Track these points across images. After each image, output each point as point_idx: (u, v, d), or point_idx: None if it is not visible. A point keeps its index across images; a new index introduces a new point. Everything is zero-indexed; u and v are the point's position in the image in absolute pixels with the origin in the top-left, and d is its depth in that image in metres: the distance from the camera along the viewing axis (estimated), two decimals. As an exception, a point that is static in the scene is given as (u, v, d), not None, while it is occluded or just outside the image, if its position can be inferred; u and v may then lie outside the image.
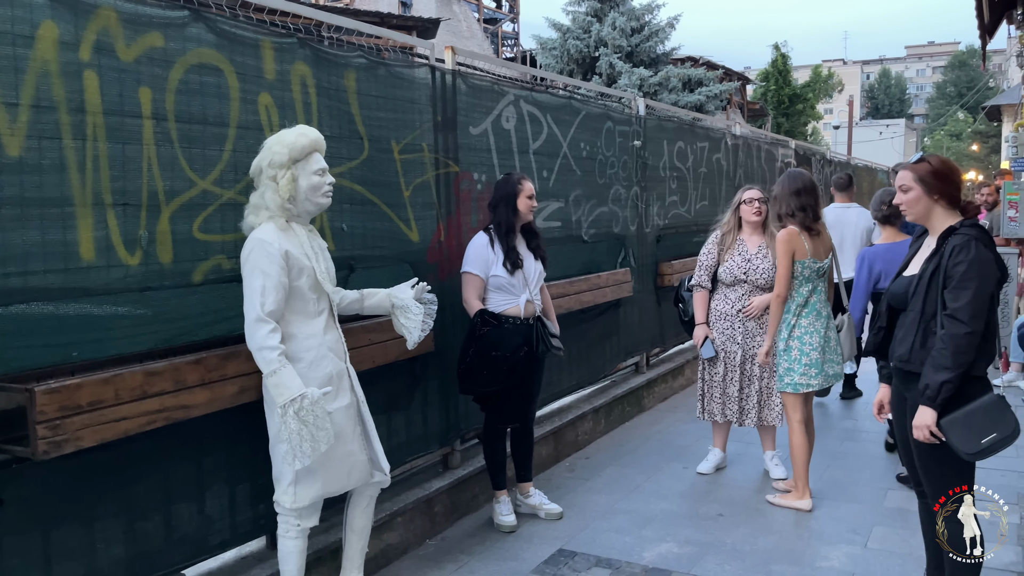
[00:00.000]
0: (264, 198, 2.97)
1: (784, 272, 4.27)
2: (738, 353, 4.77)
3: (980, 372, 2.78)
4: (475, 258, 4.06)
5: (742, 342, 4.75)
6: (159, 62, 2.82)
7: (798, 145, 12.04)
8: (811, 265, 4.31)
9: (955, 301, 2.72)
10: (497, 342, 3.92)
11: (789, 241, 4.26)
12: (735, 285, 4.76)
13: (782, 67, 37.83)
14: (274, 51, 3.25)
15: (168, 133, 2.85)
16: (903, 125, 62.43)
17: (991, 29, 7.29)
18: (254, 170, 3.01)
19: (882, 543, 3.95)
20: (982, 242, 2.77)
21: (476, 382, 3.97)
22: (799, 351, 4.33)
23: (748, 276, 4.70)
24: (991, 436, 2.71)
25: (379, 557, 3.76)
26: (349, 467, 3.11)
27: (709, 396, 4.90)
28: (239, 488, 3.21)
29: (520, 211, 4.08)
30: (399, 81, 3.94)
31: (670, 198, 7.13)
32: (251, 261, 2.91)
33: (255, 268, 2.89)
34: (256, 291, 2.88)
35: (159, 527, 2.91)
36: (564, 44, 24.46)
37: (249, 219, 3.00)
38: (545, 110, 5.17)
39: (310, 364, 2.99)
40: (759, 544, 3.97)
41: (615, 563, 3.80)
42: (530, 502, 4.37)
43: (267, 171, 2.96)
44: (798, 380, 4.33)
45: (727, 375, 4.81)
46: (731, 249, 4.79)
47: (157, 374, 2.78)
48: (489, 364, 3.91)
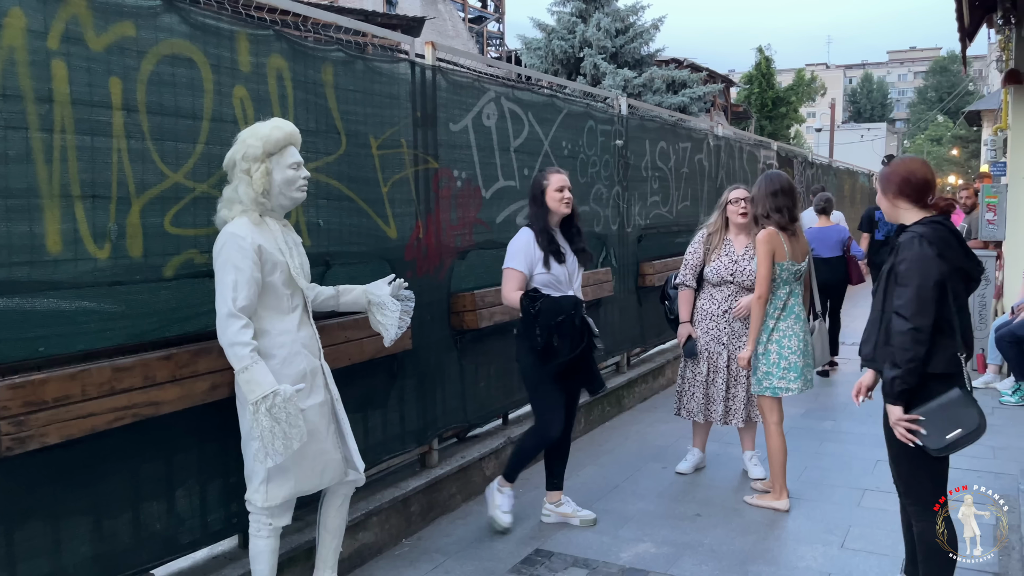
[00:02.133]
0: (238, 192, 2.92)
1: (765, 273, 4.27)
2: (723, 353, 4.75)
3: (940, 369, 2.79)
4: (517, 253, 3.98)
5: (728, 342, 4.74)
6: (130, 52, 2.76)
7: (780, 147, 12.09)
8: (789, 267, 4.31)
9: (899, 298, 2.78)
10: (555, 308, 3.84)
11: (769, 241, 4.26)
12: (721, 285, 4.75)
13: (766, 70, 38.06)
14: (249, 43, 3.21)
15: (139, 125, 2.80)
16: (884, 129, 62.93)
17: (971, 33, 7.34)
18: (227, 163, 2.96)
19: (858, 543, 3.95)
20: (927, 239, 2.78)
21: (560, 352, 3.84)
22: (778, 354, 4.33)
23: (735, 277, 4.69)
24: (956, 432, 2.74)
25: (354, 557, 3.72)
26: (322, 466, 3.07)
27: (689, 395, 4.88)
28: (210, 486, 3.16)
29: (550, 207, 4.00)
30: (378, 76, 3.91)
31: (652, 198, 7.13)
32: (223, 255, 2.86)
33: (227, 263, 2.84)
34: (228, 286, 2.83)
35: (127, 526, 2.86)
36: (549, 44, 24.48)
37: (222, 213, 2.95)
38: (527, 108, 5.15)
39: (283, 361, 2.94)
40: (736, 544, 3.96)
41: (592, 563, 3.78)
42: (562, 510, 4.27)
43: (241, 164, 2.91)
44: (777, 384, 4.33)
45: (710, 375, 4.80)
46: (718, 249, 4.78)
47: (126, 370, 2.73)
48: (560, 331, 3.82)
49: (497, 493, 4.18)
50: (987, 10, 6.85)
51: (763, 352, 4.34)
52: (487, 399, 4.90)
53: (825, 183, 13.66)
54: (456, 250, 4.51)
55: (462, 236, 4.57)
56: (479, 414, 4.87)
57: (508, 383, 5.09)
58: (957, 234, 2.88)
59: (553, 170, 4.11)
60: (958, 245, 2.86)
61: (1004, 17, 7.02)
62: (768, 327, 4.33)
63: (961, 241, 2.89)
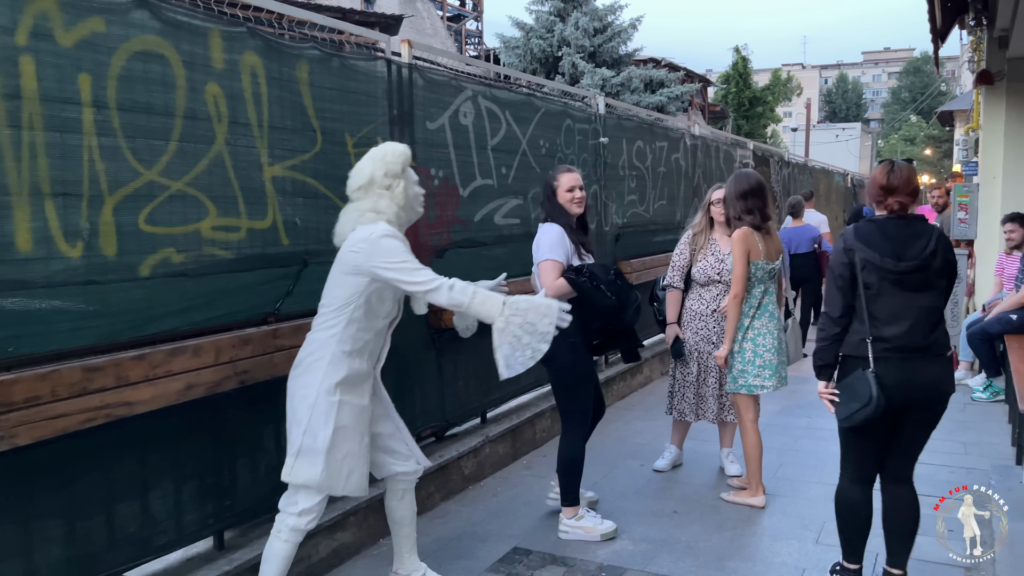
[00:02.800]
0: (378, 206, 3.05)
1: (741, 272, 4.29)
2: (712, 352, 4.76)
3: (848, 351, 3.17)
4: (555, 246, 3.90)
5: (717, 341, 4.73)
6: (101, 48, 2.73)
7: (756, 146, 12.17)
8: (764, 266, 4.34)
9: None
10: (602, 268, 3.92)
11: (744, 241, 4.29)
12: (709, 285, 4.75)
13: (743, 70, 38.29)
14: (222, 40, 3.18)
15: (110, 122, 2.77)
16: (859, 129, 63.57)
17: (943, 34, 7.44)
18: (361, 180, 3.07)
19: (832, 538, 3.95)
20: (844, 236, 3.18)
21: (626, 307, 3.90)
22: (753, 352, 4.36)
23: (722, 276, 4.70)
24: (852, 406, 3.10)
25: (331, 557, 3.70)
26: (348, 469, 3.03)
27: (680, 396, 4.87)
28: (185, 487, 3.14)
29: (563, 206, 4.00)
30: (354, 74, 3.89)
31: (629, 197, 7.15)
32: (384, 245, 2.95)
33: (393, 250, 2.96)
34: (415, 264, 2.96)
35: (100, 527, 2.83)
36: (527, 43, 24.48)
37: (364, 221, 3.05)
38: (504, 106, 5.15)
39: (351, 353, 3.03)
40: (713, 541, 3.99)
41: (570, 561, 3.79)
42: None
43: (382, 181, 3.07)
44: (752, 381, 4.36)
45: (701, 375, 4.79)
46: (703, 249, 4.78)
47: (98, 370, 2.70)
48: (619, 286, 3.88)
49: (581, 523, 4.03)
50: (958, 11, 6.95)
51: (738, 350, 4.37)
52: (465, 398, 4.90)
53: (801, 182, 13.78)
54: (434, 249, 4.50)
55: (440, 235, 4.56)
56: (457, 413, 4.86)
57: (486, 382, 5.09)
58: (887, 231, 3.09)
59: (564, 169, 4.08)
60: (881, 242, 3.08)
61: (975, 18, 7.12)
62: (743, 325, 4.36)
63: (889, 238, 3.08)
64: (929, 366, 3.12)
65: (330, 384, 2.98)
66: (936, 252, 3.08)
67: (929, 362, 3.12)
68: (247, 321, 3.37)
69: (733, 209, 4.36)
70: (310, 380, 2.99)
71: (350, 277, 3.01)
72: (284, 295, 3.55)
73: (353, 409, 3.04)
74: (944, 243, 3.13)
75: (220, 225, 3.21)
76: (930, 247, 3.07)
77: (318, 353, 3.01)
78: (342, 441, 2.99)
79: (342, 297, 3.02)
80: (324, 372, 2.98)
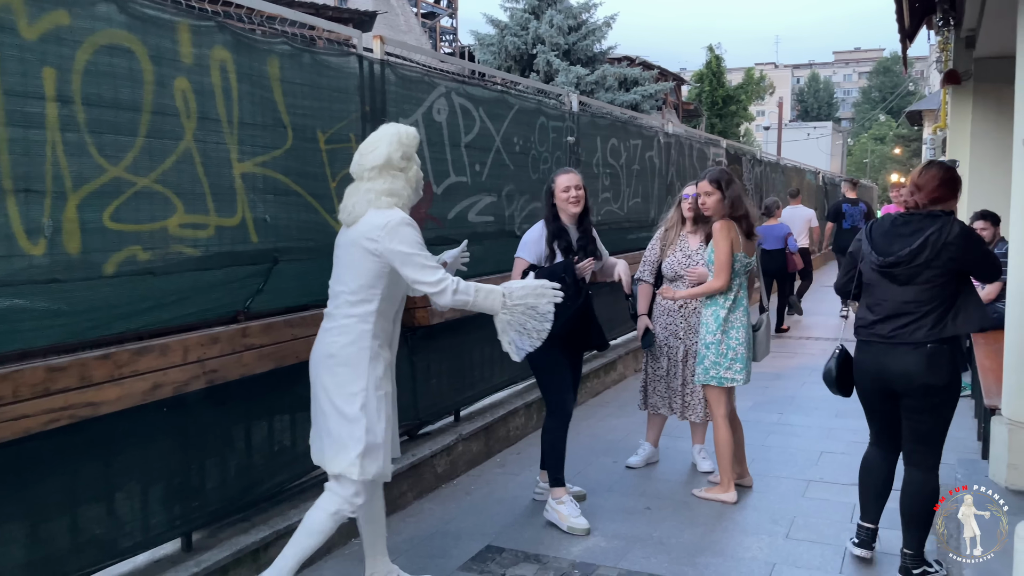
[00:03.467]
0: (394, 188, 3.05)
1: (725, 259, 4.26)
2: (680, 348, 4.79)
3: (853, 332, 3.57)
4: (527, 245, 4.21)
5: (684, 337, 4.77)
6: (65, 41, 2.68)
7: (729, 144, 12.26)
8: (742, 260, 4.36)
9: None
10: (549, 275, 3.89)
11: (729, 229, 4.28)
12: (676, 281, 4.78)
13: (716, 69, 38.55)
14: (191, 34, 3.13)
15: (75, 116, 2.72)
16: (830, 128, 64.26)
17: (911, 34, 7.53)
18: (377, 160, 3.04)
19: (802, 533, 4.03)
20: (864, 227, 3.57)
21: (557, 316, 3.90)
22: (727, 345, 4.38)
23: (688, 272, 4.74)
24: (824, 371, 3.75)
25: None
26: (386, 455, 3.10)
27: (652, 389, 4.92)
28: (152, 489, 3.09)
29: (559, 206, 4.18)
30: (325, 70, 3.85)
31: (603, 194, 7.17)
32: (403, 233, 2.97)
33: (413, 242, 2.99)
34: (425, 257, 2.99)
35: (64, 530, 2.78)
36: (502, 40, 24.46)
37: (382, 203, 3.05)
38: (478, 103, 5.13)
39: (383, 345, 3.07)
40: (685, 537, 4.01)
41: (543, 558, 3.79)
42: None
43: (399, 163, 3.07)
44: (724, 374, 4.38)
45: (670, 369, 4.84)
46: (673, 245, 4.83)
47: (61, 370, 2.65)
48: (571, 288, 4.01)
49: (560, 507, 4.13)
50: (926, 11, 7.04)
51: (713, 342, 4.38)
52: (439, 396, 4.88)
53: (773, 180, 13.91)
54: (406, 246, 4.47)
55: (412, 232, 4.53)
56: (431, 411, 4.84)
57: (460, 380, 5.09)
58: (886, 227, 3.40)
59: (563, 170, 4.29)
60: (879, 236, 3.41)
61: (943, 18, 7.22)
62: (719, 317, 4.38)
63: (885, 233, 3.39)
64: (905, 356, 3.28)
65: (376, 379, 3.04)
66: (923, 249, 3.19)
67: (905, 352, 3.28)
68: (216, 320, 3.33)
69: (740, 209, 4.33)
70: (355, 377, 3.01)
71: (370, 264, 3.01)
72: (254, 293, 3.51)
73: (391, 398, 3.13)
74: (944, 241, 3.18)
75: (188, 222, 3.16)
76: (917, 245, 3.21)
77: (358, 344, 3.02)
78: (389, 430, 3.08)
79: (365, 286, 3.02)
80: (368, 368, 3.02)
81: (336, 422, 3.01)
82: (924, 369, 3.24)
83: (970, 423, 5.76)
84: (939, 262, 3.21)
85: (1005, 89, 7.55)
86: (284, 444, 3.70)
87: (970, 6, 6.51)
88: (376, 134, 3.13)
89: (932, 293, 3.25)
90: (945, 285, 3.25)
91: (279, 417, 3.67)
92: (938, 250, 3.20)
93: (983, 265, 3.31)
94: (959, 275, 3.26)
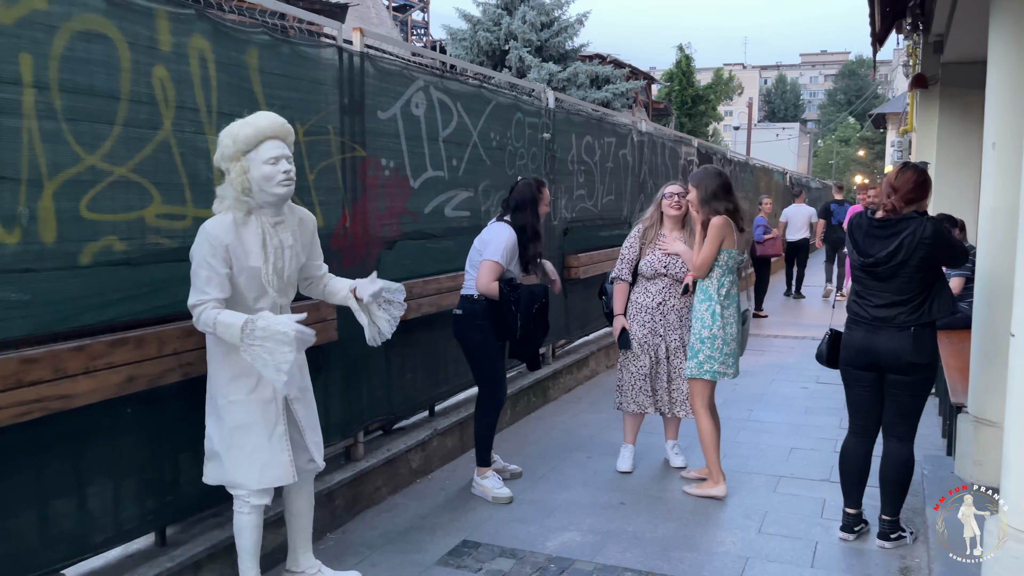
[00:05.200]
0: (225, 189, 2.98)
1: (709, 254, 4.32)
2: (661, 344, 4.80)
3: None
4: (503, 250, 4.32)
5: (664, 334, 4.80)
6: (41, 27, 2.62)
7: (700, 144, 12.37)
8: (737, 256, 4.42)
9: None
10: (531, 297, 4.34)
11: (723, 227, 4.33)
12: (656, 279, 4.80)
13: (686, 68, 38.79)
14: (170, 21, 3.08)
15: (51, 104, 2.66)
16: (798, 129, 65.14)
17: (881, 38, 7.66)
18: (216, 163, 3.01)
19: (774, 527, 4.09)
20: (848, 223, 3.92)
21: (535, 339, 4.43)
22: (722, 340, 4.43)
23: (668, 270, 4.76)
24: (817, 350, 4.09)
25: (277, 552, 3.64)
26: (261, 463, 3.02)
27: (637, 389, 4.86)
28: (125, 483, 3.04)
29: (539, 216, 4.46)
30: (304, 61, 3.81)
31: (577, 191, 7.19)
32: (196, 250, 2.92)
33: (199, 257, 2.90)
34: (201, 279, 2.89)
35: (34, 525, 2.72)
36: (475, 36, 24.42)
37: (214, 207, 3.00)
38: (456, 98, 5.12)
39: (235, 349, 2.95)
40: (659, 531, 4.05)
41: (519, 552, 3.80)
42: (495, 467, 4.72)
43: (222, 164, 2.98)
44: (717, 368, 4.43)
45: (654, 367, 4.83)
46: (652, 243, 4.83)
47: (34, 361, 2.60)
48: (538, 318, 4.38)
49: (484, 482, 4.48)
50: (897, 16, 7.16)
51: (709, 336, 4.42)
52: (413, 391, 4.87)
53: (743, 180, 14.08)
54: (383, 240, 4.46)
55: (390, 226, 4.51)
56: (405, 406, 4.83)
57: (434, 375, 5.07)
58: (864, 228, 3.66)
59: (545, 183, 4.58)
60: (860, 237, 3.67)
61: (912, 23, 7.35)
62: (716, 313, 4.42)
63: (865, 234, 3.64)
64: (893, 337, 3.58)
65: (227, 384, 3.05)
66: (899, 251, 3.50)
67: (892, 333, 3.58)
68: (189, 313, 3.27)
69: (718, 204, 4.36)
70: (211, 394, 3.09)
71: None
72: (230, 285, 3.46)
73: (246, 405, 3.02)
74: (918, 240, 3.47)
75: (165, 213, 3.11)
76: (893, 247, 3.52)
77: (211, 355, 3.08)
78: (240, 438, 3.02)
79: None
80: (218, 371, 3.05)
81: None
82: (911, 348, 3.55)
83: (935, 420, 5.88)
84: (914, 260, 3.49)
85: (971, 94, 7.71)
86: (259, 438, 3.66)
87: (939, 12, 6.64)
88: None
89: (911, 285, 3.56)
90: (922, 278, 3.54)
91: (254, 411, 3.63)
92: (912, 249, 3.49)
93: (952, 255, 3.64)
94: (933, 268, 3.55)
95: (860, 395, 3.81)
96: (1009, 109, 3.91)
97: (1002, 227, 4.00)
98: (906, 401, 3.69)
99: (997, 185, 4.02)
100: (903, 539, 3.81)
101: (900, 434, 3.74)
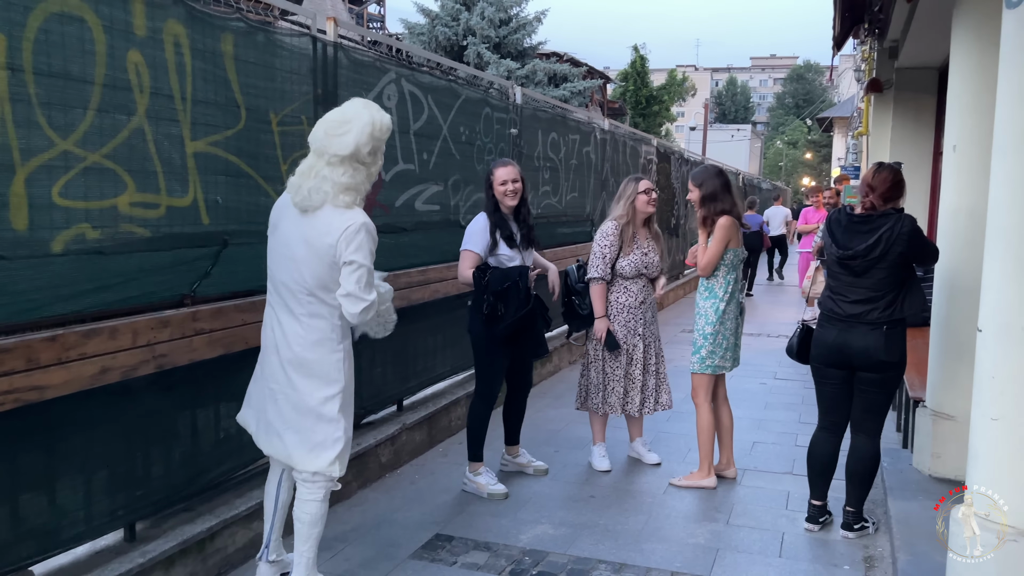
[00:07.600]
0: (354, 182, 2.91)
1: (715, 253, 4.39)
2: (639, 344, 4.79)
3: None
4: (473, 236, 4.32)
5: (644, 332, 4.81)
6: (15, 7, 2.54)
7: (659, 143, 12.51)
8: (739, 254, 4.51)
9: None
10: (502, 276, 4.25)
11: (731, 228, 4.40)
12: (636, 278, 4.79)
13: (640, 68, 39.22)
14: (145, 5, 3.01)
15: (25, 86, 2.58)
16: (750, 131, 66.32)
17: (840, 42, 7.85)
18: (343, 150, 2.86)
19: (742, 519, 4.17)
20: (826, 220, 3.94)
21: (503, 319, 4.24)
22: (723, 336, 4.50)
23: (648, 269, 4.81)
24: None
25: (248, 547, 3.59)
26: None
27: (609, 390, 4.81)
28: (96, 477, 2.97)
29: (497, 197, 4.33)
30: (279, 50, 3.76)
31: (543, 187, 7.22)
32: (360, 241, 2.87)
33: (367, 251, 2.89)
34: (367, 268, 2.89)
35: (4, 520, 2.65)
36: (432, 30, 24.31)
37: (347, 201, 2.90)
38: (427, 91, 5.09)
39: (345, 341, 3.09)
40: (630, 524, 4.09)
41: (493, 546, 3.81)
42: (519, 460, 4.81)
43: (364, 157, 2.94)
44: (718, 363, 4.51)
45: (630, 367, 4.81)
46: (631, 243, 4.77)
47: (6, 352, 2.52)
48: (506, 296, 4.22)
49: (477, 478, 4.46)
50: (855, 21, 7.34)
51: (712, 332, 4.48)
52: (382, 385, 4.84)
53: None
54: (355, 233, 4.41)
55: (361, 219, 4.47)
56: (374, 400, 4.80)
57: (403, 369, 5.05)
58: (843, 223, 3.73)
59: (501, 163, 4.39)
60: (839, 231, 3.73)
61: (869, 29, 7.54)
62: (719, 310, 4.48)
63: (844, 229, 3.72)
64: (866, 335, 3.65)
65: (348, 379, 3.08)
66: (878, 245, 3.55)
67: (865, 332, 3.65)
68: (161, 303, 3.21)
69: (721, 204, 4.41)
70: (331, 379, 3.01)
71: (328, 264, 2.90)
72: (202, 276, 3.40)
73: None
74: (896, 235, 3.54)
75: (138, 201, 3.04)
76: (872, 241, 3.57)
77: (329, 346, 3.00)
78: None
79: (328, 285, 2.92)
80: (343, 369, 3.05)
81: (312, 423, 2.98)
82: (883, 347, 3.63)
83: (890, 415, 6.04)
84: (892, 255, 3.56)
85: (924, 98, 7.96)
86: (231, 432, 3.60)
87: (895, 19, 6.82)
88: (346, 112, 2.95)
89: (885, 281, 3.63)
90: (896, 275, 3.61)
91: (227, 404, 3.57)
92: (890, 245, 3.55)
93: (926, 254, 3.72)
94: (905, 265, 3.62)
95: (831, 391, 3.88)
96: (971, 112, 4.03)
97: (964, 227, 4.12)
98: (875, 398, 3.77)
99: (959, 186, 4.14)
100: (866, 529, 3.92)
101: (868, 429, 3.83)
